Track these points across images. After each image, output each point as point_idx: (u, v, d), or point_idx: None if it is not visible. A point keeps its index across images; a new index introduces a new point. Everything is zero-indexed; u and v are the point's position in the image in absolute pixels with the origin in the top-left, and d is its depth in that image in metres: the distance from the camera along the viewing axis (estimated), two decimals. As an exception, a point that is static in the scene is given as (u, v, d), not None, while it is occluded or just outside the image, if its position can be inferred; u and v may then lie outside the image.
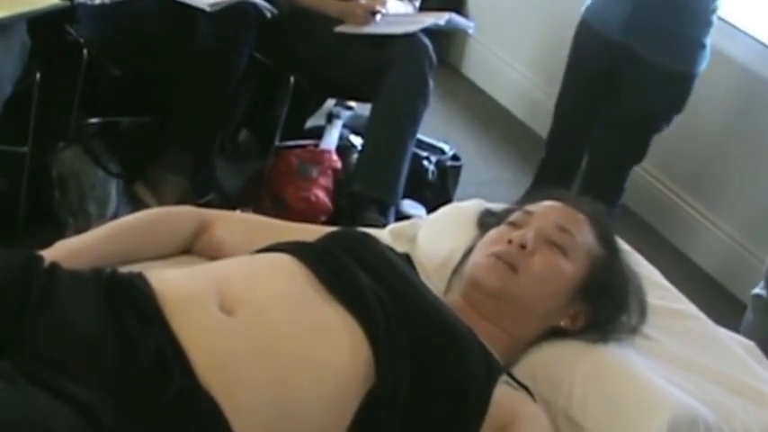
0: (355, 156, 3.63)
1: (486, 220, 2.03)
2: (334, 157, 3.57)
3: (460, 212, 2.18)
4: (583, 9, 3.57)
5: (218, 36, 3.11)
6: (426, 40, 3.34)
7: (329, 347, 1.51)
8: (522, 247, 1.81)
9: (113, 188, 3.17)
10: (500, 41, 5.30)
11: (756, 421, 1.86)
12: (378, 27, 3.41)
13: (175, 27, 3.09)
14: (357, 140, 3.70)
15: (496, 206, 2.12)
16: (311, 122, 4.02)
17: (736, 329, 2.80)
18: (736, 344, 2.13)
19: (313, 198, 3.45)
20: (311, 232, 1.86)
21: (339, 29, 3.40)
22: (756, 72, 4.05)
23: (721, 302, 3.91)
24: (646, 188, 4.49)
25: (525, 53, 5.17)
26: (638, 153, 3.63)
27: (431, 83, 3.33)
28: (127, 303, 1.45)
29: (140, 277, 1.53)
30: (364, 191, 3.33)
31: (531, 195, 3.63)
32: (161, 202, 3.12)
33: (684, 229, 4.37)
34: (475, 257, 1.87)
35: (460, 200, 3.73)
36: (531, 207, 1.92)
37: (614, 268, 1.91)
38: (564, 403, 1.76)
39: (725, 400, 1.86)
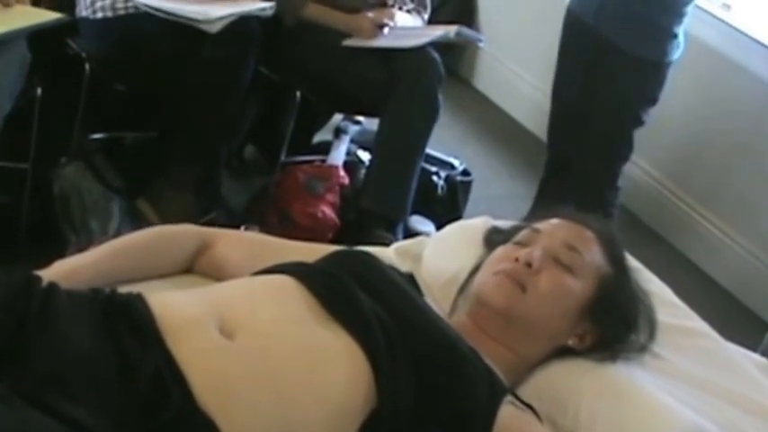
0: (363, 171, 3.60)
1: (493, 238, 2.00)
2: (342, 172, 3.54)
3: (467, 230, 2.15)
4: None
5: (222, 50, 3.08)
6: (435, 54, 3.31)
7: (329, 370, 1.50)
8: (529, 265, 1.78)
9: (116, 205, 3.15)
10: (511, 53, 5.27)
11: (768, 440, 1.83)
12: (385, 40, 3.38)
13: (179, 41, 3.06)
14: (365, 156, 3.68)
15: (503, 223, 2.10)
16: (319, 137, 3.99)
17: (753, 346, 2.78)
18: (749, 362, 2.10)
19: (320, 214, 3.42)
20: (314, 251, 1.85)
21: (346, 42, 3.37)
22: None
23: (739, 318, 3.88)
24: (661, 202, 4.46)
25: (537, 65, 5.13)
26: (622, 148, 3.59)
27: (440, 97, 3.31)
28: (125, 324, 1.45)
29: (139, 298, 1.52)
30: (372, 207, 3.30)
31: (539, 204, 3.66)
32: (164, 219, 3.10)
33: (701, 244, 4.33)
34: (481, 276, 1.85)
35: (471, 215, 3.72)
36: (538, 225, 1.90)
37: (623, 286, 1.88)
38: (570, 423, 1.74)
39: (736, 419, 1.84)
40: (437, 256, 2.10)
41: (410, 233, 3.40)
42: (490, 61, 5.42)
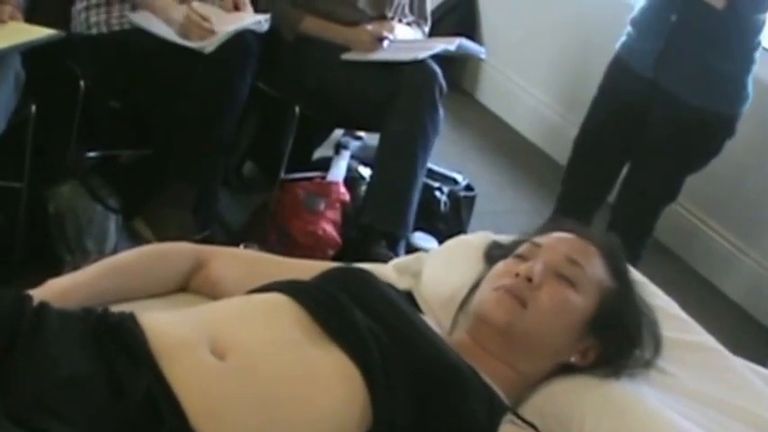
0: (364, 187, 3.56)
1: (494, 253, 1.98)
2: (342, 189, 3.51)
3: (467, 246, 2.12)
4: (617, 46, 3.46)
5: (219, 67, 3.05)
6: (436, 67, 3.29)
7: (324, 390, 1.48)
8: (530, 280, 1.75)
9: (112, 224, 3.13)
10: (514, 66, 5.26)
11: (773, 457, 1.80)
12: (385, 54, 3.36)
13: (175, 57, 3.04)
14: (366, 172, 3.64)
15: (504, 238, 2.07)
16: (319, 153, 3.96)
17: (763, 358, 2.73)
18: (756, 376, 2.05)
19: (320, 232, 3.38)
20: (310, 268, 1.83)
21: (345, 56, 3.35)
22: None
23: (748, 331, 3.86)
24: (670, 215, 4.36)
25: (541, 78, 5.13)
26: (671, 194, 3.53)
27: (441, 110, 3.28)
28: (116, 345, 1.44)
29: (131, 318, 1.51)
30: (373, 224, 3.27)
31: (544, 227, 3.60)
32: (161, 238, 3.08)
33: (711, 258, 4.32)
34: (481, 292, 1.83)
35: (475, 231, 3.68)
36: (539, 239, 1.87)
37: (626, 301, 1.85)
38: None
39: (742, 435, 1.80)
40: (437, 273, 2.06)
41: (412, 250, 3.37)
42: (493, 74, 5.41)
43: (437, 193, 3.73)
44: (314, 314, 1.58)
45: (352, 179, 3.63)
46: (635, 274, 1.98)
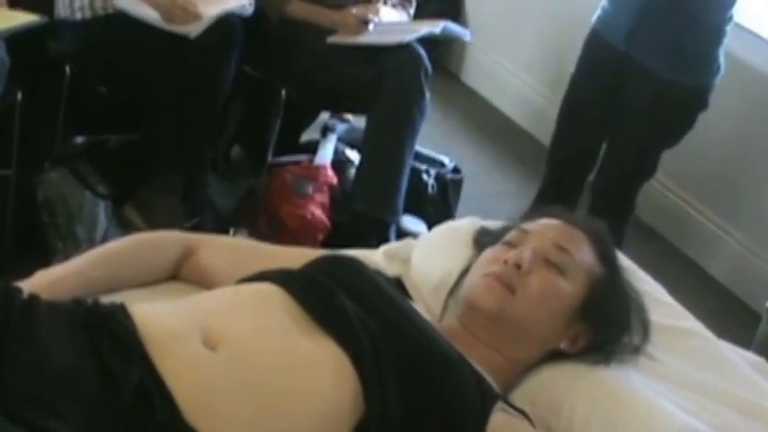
0: (352, 170, 3.56)
1: (482, 240, 1.98)
2: (330, 172, 3.50)
3: (455, 232, 2.12)
4: (593, 19, 3.47)
5: (204, 51, 3.04)
6: (421, 50, 3.28)
7: (315, 379, 1.49)
8: (518, 266, 1.76)
9: (102, 210, 3.12)
10: (500, 47, 5.24)
11: (763, 442, 1.82)
12: (371, 37, 3.35)
13: (160, 42, 3.03)
14: (353, 154, 3.63)
15: (492, 224, 2.07)
16: (306, 136, 3.95)
17: (749, 339, 2.76)
18: (743, 361, 2.07)
19: (309, 216, 3.38)
20: (300, 256, 1.83)
21: (331, 39, 3.34)
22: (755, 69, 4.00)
23: (734, 312, 3.87)
24: (655, 196, 4.42)
25: (526, 59, 5.12)
26: (648, 170, 3.54)
27: (427, 94, 3.27)
28: (107, 337, 1.44)
29: (122, 310, 1.51)
30: (364, 210, 3.27)
31: (532, 213, 3.61)
32: (151, 225, 3.08)
33: (697, 239, 4.32)
34: (470, 278, 1.83)
35: (463, 214, 3.71)
36: (527, 225, 1.87)
37: (615, 287, 1.86)
38: (564, 427, 1.73)
39: (732, 420, 1.82)
40: (426, 259, 2.07)
41: (402, 233, 3.37)
42: (479, 55, 5.39)
43: (424, 176, 3.72)
44: (304, 303, 1.58)
45: (339, 162, 3.62)
46: (623, 260, 1.99)
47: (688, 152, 4.17)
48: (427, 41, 3.37)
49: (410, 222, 3.55)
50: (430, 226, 3.51)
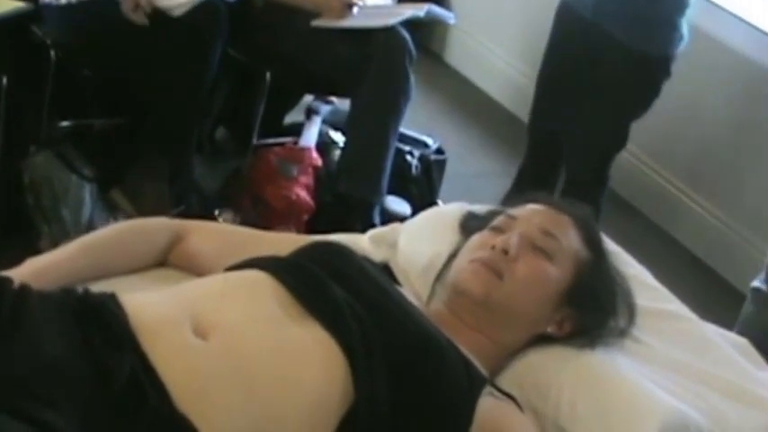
0: (336, 152, 3.58)
1: (469, 224, 1.99)
2: (315, 154, 3.52)
3: (442, 216, 2.13)
4: None
5: (189, 34, 3.04)
6: (405, 33, 3.29)
7: (305, 366, 1.49)
8: (506, 252, 1.77)
9: (87, 193, 3.12)
10: (483, 28, 5.24)
11: (749, 424, 1.84)
12: (355, 20, 3.35)
13: (145, 26, 3.01)
14: (337, 136, 3.64)
15: (479, 208, 2.08)
16: (290, 118, 3.95)
17: (726, 315, 2.78)
18: (728, 343, 2.09)
19: (294, 197, 3.40)
20: (288, 242, 1.84)
21: (315, 23, 3.34)
22: (750, 58, 4.02)
23: (717, 291, 3.89)
24: (635, 173, 4.46)
25: (510, 40, 5.12)
26: (618, 140, 3.56)
27: (411, 77, 3.27)
28: (99, 327, 1.44)
29: (112, 299, 1.51)
30: (349, 191, 3.27)
31: (517, 189, 3.64)
32: (138, 209, 3.08)
33: (680, 218, 4.34)
34: (458, 264, 1.84)
35: (446, 194, 3.73)
36: (514, 211, 1.88)
37: (601, 272, 1.88)
38: (552, 410, 1.74)
39: (717, 403, 1.84)
40: (413, 244, 2.08)
41: (386, 214, 3.39)
42: (462, 36, 5.38)
43: (408, 157, 3.73)
44: (293, 291, 1.59)
45: (324, 144, 3.63)
46: (609, 244, 2.00)
47: (674, 132, 4.22)
48: (411, 24, 3.37)
49: (394, 203, 3.57)
50: (413, 206, 3.54)
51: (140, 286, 1.74)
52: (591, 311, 1.83)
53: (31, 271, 1.65)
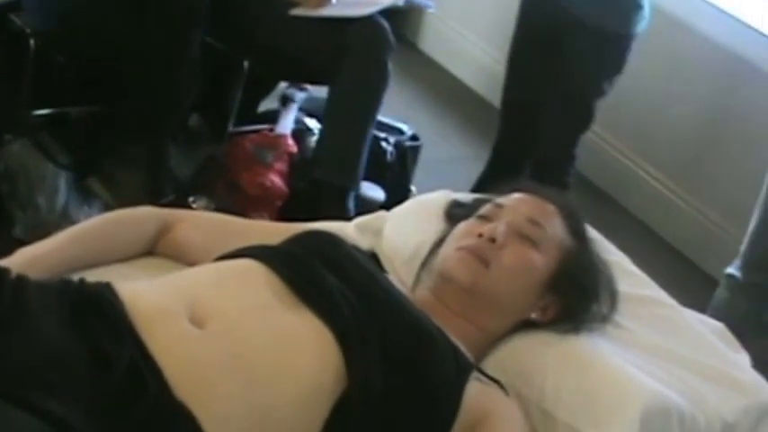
0: (311, 139, 3.58)
1: (454, 212, 2.02)
2: (290, 141, 3.51)
3: (427, 205, 2.15)
4: None
5: (168, 22, 3.03)
6: (384, 23, 3.29)
7: (300, 354, 1.51)
8: (493, 240, 1.79)
9: (62, 180, 3.11)
10: (457, 14, 5.22)
11: (728, 406, 1.88)
12: (334, 9, 3.35)
13: (123, 13, 3.01)
14: (312, 123, 3.65)
15: (464, 197, 2.12)
16: (263, 106, 3.94)
17: (701, 302, 2.82)
18: (706, 328, 2.13)
19: (269, 183, 3.40)
20: (277, 231, 1.86)
21: (295, 12, 3.33)
22: (725, 46, 4.05)
23: (688, 277, 3.92)
24: (608, 161, 4.49)
25: (483, 26, 5.12)
26: (584, 119, 3.59)
27: (390, 65, 3.28)
28: (97, 317, 1.45)
29: (108, 289, 1.52)
30: (325, 177, 3.28)
31: (490, 171, 3.67)
32: (116, 197, 3.07)
33: (651, 204, 4.36)
34: (445, 251, 1.86)
35: (420, 179, 3.74)
36: (501, 200, 1.91)
37: (585, 259, 1.91)
38: (536, 395, 1.77)
39: (697, 386, 1.87)
40: (398, 231, 2.10)
41: (360, 200, 3.40)
42: (436, 23, 5.38)
43: (383, 144, 3.73)
44: (286, 280, 1.61)
45: (299, 131, 3.63)
46: (591, 232, 2.02)
47: (645, 119, 4.24)
48: (387, 11, 3.38)
49: (368, 189, 3.57)
50: (387, 192, 3.56)
51: (129, 275, 1.75)
52: (574, 298, 1.86)
53: (23, 261, 1.66)
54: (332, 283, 1.61)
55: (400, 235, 2.08)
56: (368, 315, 1.58)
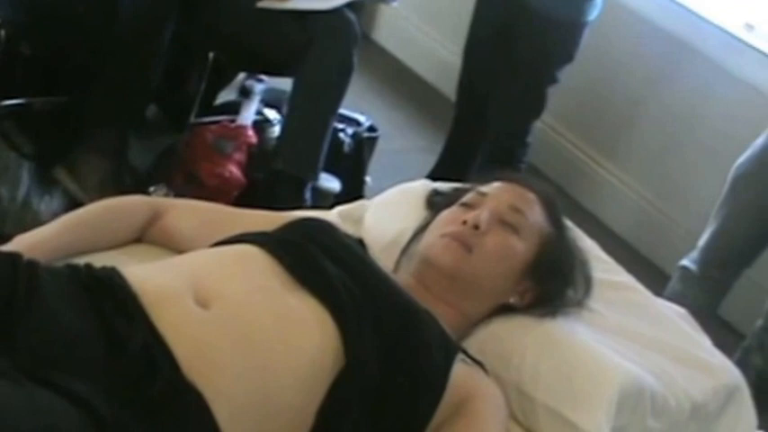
0: (270, 130, 3.59)
1: (435, 200, 2.08)
2: (251, 132, 3.52)
3: (408, 193, 2.21)
4: None
5: (139, 9, 3.04)
6: (351, 15, 3.30)
7: (301, 334, 1.54)
8: (476, 227, 1.84)
9: (25, 170, 3.09)
10: (412, 6, 5.21)
11: (696, 387, 1.94)
12: (302, 2, 3.34)
13: (96, 3, 3.01)
14: (272, 114, 3.66)
15: (443, 186, 2.17)
16: (220, 97, 3.94)
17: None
18: (673, 313, 2.21)
19: (227, 174, 3.40)
20: (264, 220, 1.90)
21: (261, 4, 3.32)
22: (670, 32, 4.10)
23: (638, 268, 3.93)
24: (561, 153, 4.53)
25: (437, 18, 5.13)
26: (536, 106, 3.66)
27: (355, 58, 3.29)
28: (109, 299, 1.47)
29: (116, 272, 1.55)
30: (286, 169, 3.29)
31: (444, 160, 3.71)
32: (83, 187, 3.06)
33: (601, 195, 4.41)
34: (429, 237, 1.91)
35: (375, 170, 3.77)
36: (484, 188, 1.96)
37: (563, 246, 1.97)
38: (515, 377, 1.82)
39: (667, 368, 1.93)
40: (379, 219, 2.15)
41: (316, 190, 3.43)
42: (390, 13, 5.37)
43: (341, 135, 3.76)
44: (286, 264, 1.64)
45: (259, 122, 3.64)
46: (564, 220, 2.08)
47: (594, 109, 4.29)
48: (352, 4, 3.38)
49: (325, 180, 3.58)
50: (343, 182, 3.59)
51: (122, 261, 1.76)
52: (552, 283, 1.92)
53: (20, 247, 1.67)
54: (330, 268, 1.65)
55: (381, 222, 2.13)
56: (364, 299, 1.62)
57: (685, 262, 3.20)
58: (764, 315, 3.16)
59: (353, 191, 3.59)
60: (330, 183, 3.60)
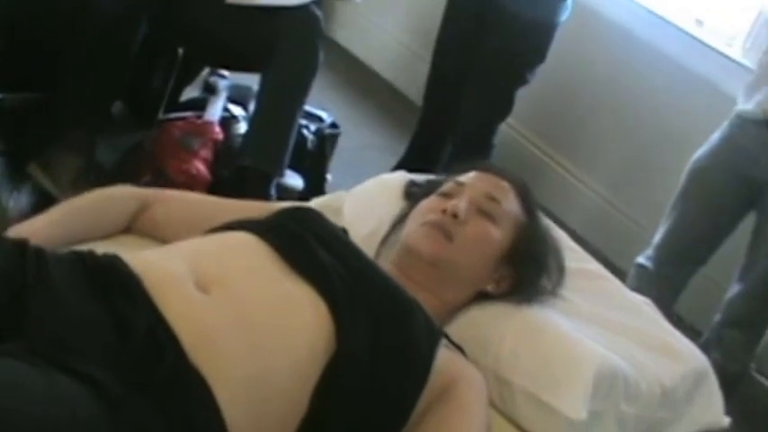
0: (236, 126, 3.61)
1: (412, 191, 2.13)
2: (218, 128, 3.54)
3: (384, 185, 2.26)
4: None
5: (114, 5, 3.05)
6: (318, 12, 3.33)
7: (297, 318, 1.58)
8: (455, 216, 1.90)
9: (-6, 167, 3.10)
10: (371, 3, 5.16)
11: (666, 372, 2.01)
12: None
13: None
14: (238, 111, 3.68)
15: (419, 177, 2.22)
16: (184, 94, 3.96)
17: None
18: (640, 300, 2.27)
19: (194, 170, 3.41)
20: (252, 210, 1.93)
21: (230, 0, 3.35)
22: (628, 29, 4.17)
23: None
24: (516, 148, 4.56)
25: (397, 16, 5.17)
26: (504, 107, 3.71)
27: (321, 54, 3.33)
28: (114, 284, 1.50)
29: (119, 259, 1.57)
30: (253, 165, 3.31)
31: (409, 157, 3.74)
32: (57, 183, 3.06)
33: (554, 189, 4.44)
34: (409, 226, 1.96)
35: (336, 167, 3.81)
36: (461, 178, 2.01)
37: (537, 234, 2.03)
38: (492, 362, 1.88)
39: (638, 353, 1.99)
40: (358, 210, 2.19)
41: (280, 187, 3.45)
42: (348, 11, 5.38)
43: (305, 132, 3.79)
44: (280, 250, 1.68)
45: (225, 119, 3.66)
46: (538, 210, 2.14)
47: (548, 105, 4.32)
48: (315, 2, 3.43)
49: (288, 176, 3.60)
50: (306, 178, 3.63)
51: (116, 250, 1.80)
52: (527, 270, 1.98)
53: (20, 235, 1.67)
54: (323, 255, 1.69)
55: (360, 213, 2.17)
56: (355, 286, 1.66)
57: (641, 259, 3.26)
58: (722, 310, 3.23)
59: (315, 188, 3.63)
60: (294, 180, 3.63)
